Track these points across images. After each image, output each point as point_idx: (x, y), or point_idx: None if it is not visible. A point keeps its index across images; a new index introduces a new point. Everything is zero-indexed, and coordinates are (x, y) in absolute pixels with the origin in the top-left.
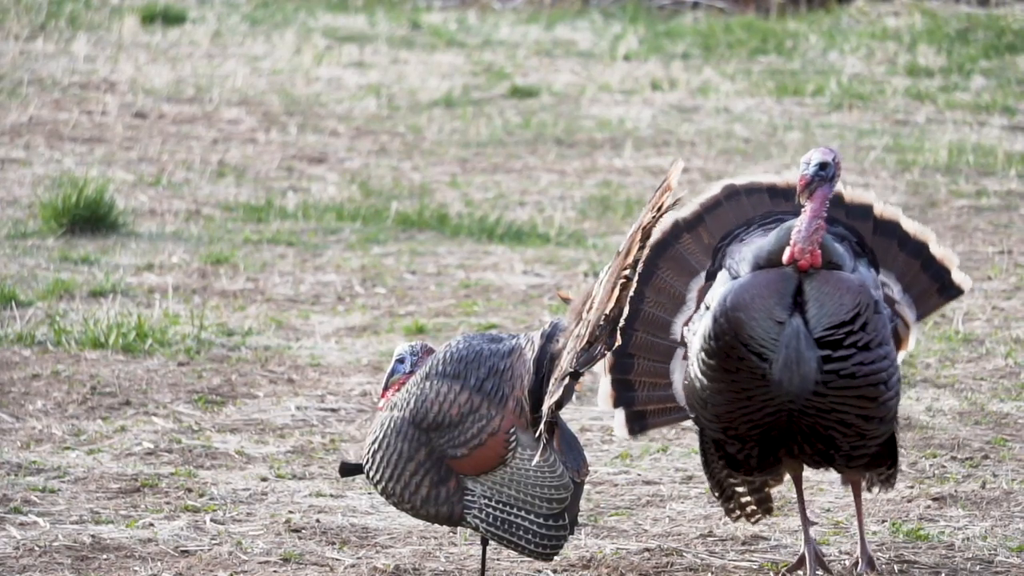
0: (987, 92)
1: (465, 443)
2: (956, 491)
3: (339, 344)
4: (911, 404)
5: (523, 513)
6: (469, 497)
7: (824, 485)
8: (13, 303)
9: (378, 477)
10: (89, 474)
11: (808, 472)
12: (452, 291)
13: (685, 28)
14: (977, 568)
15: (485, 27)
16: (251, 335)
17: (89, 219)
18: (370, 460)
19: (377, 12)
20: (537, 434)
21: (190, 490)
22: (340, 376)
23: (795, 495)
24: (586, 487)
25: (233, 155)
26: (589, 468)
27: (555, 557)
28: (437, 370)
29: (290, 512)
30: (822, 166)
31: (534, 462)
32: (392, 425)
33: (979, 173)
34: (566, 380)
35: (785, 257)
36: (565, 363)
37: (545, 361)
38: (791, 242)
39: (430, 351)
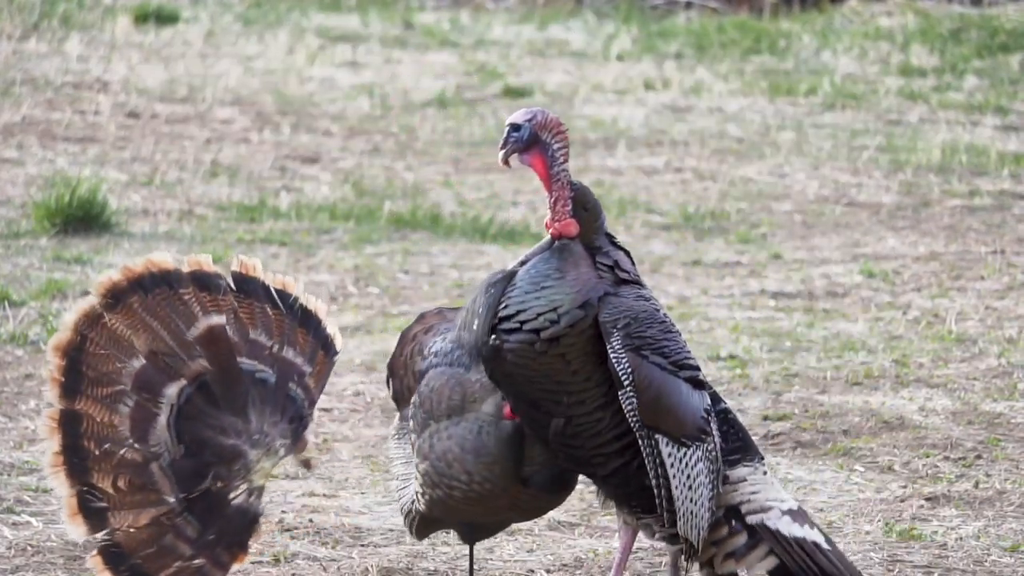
0: (980, 92)
1: None
2: (949, 491)
3: None
4: (904, 404)
5: None
6: None
7: (817, 485)
8: (6, 303)
9: None
10: None
11: (802, 472)
12: (445, 291)
13: (678, 28)
14: (970, 567)
15: (478, 27)
16: None
17: (82, 219)
18: None
19: (370, 12)
20: None
21: None
22: (333, 376)
23: None
24: (579, 487)
25: (226, 155)
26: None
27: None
28: None
29: (283, 512)
30: (514, 127)
31: None
32: None
33: (972, 173)
34: None
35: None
36: None
37: None
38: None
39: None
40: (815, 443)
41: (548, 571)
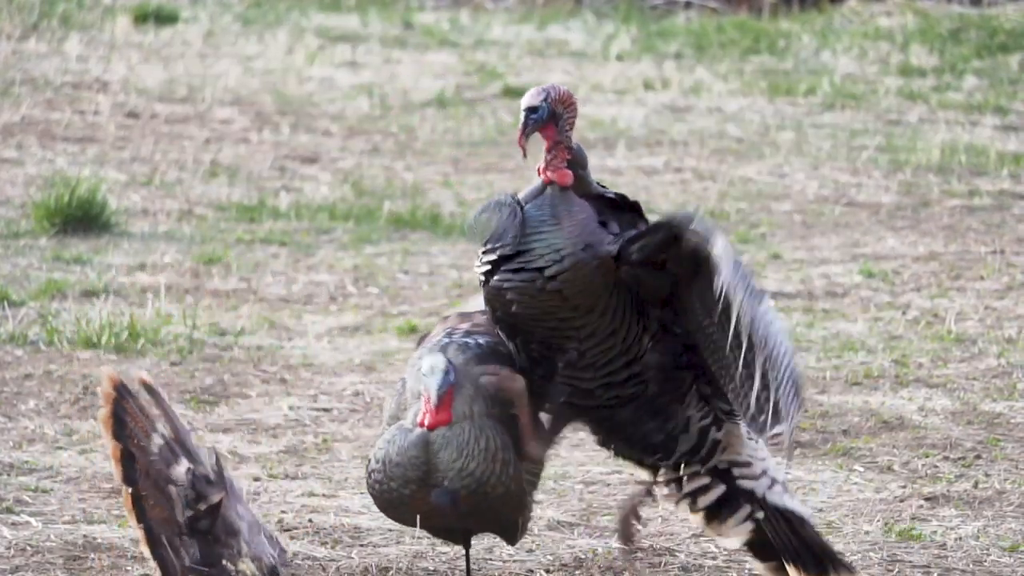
0: (979, 92)
1: None
2: (948, 491)
3: (331, 344)
4: (903, 404)
5: None
6: None
7: (817, 485)
8: (5, 303)
9: None
10: (81, 474)
11: (801, 472)
12: (445, 291)
13: (678, 28)
14: (970, 567)
15: (478, 27)
16: (243, 335)
17: (82, 219)
18: None
19: (370, 12)
20: None
21: None
22: (333, 376)
23: None
24: (579, 487)
25: (226, 155)
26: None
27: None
28: None
29: (282, 512)
30: (531, 110)
31: None
32: None
33: (971, 173)
34: None
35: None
36: None
37: None
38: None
39: None
40: (814, 443)
41: (548, 571)
